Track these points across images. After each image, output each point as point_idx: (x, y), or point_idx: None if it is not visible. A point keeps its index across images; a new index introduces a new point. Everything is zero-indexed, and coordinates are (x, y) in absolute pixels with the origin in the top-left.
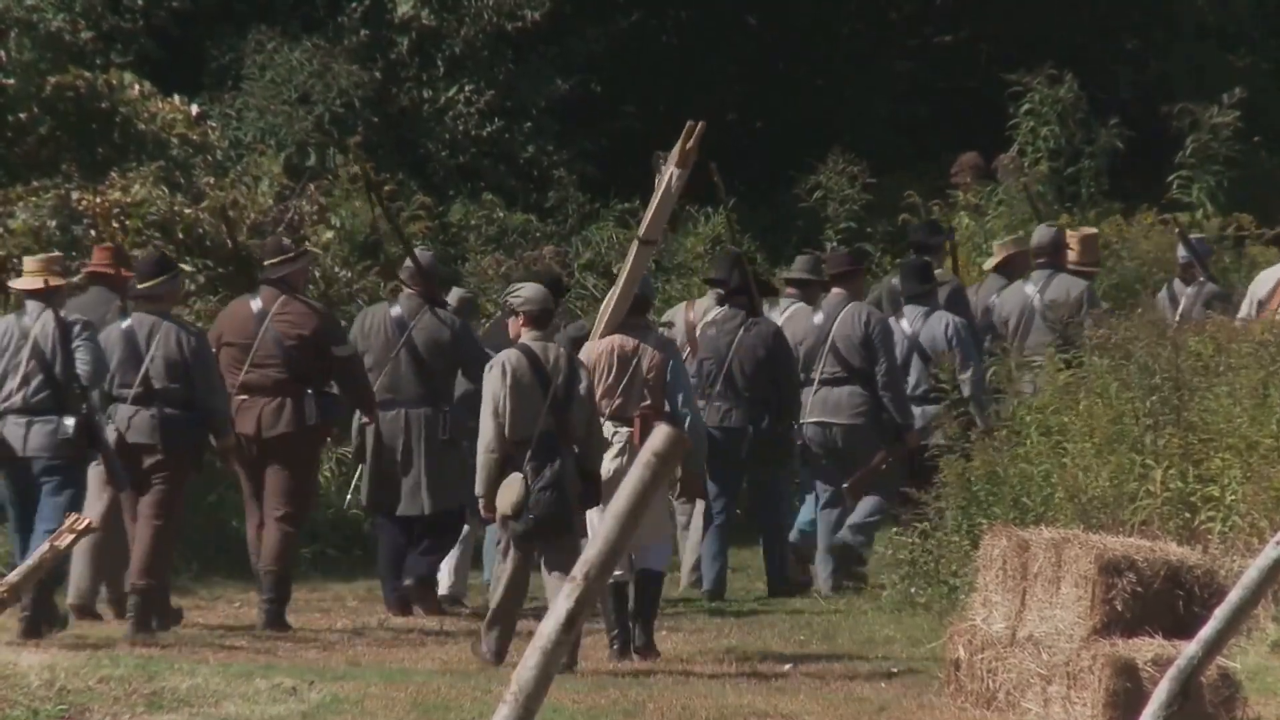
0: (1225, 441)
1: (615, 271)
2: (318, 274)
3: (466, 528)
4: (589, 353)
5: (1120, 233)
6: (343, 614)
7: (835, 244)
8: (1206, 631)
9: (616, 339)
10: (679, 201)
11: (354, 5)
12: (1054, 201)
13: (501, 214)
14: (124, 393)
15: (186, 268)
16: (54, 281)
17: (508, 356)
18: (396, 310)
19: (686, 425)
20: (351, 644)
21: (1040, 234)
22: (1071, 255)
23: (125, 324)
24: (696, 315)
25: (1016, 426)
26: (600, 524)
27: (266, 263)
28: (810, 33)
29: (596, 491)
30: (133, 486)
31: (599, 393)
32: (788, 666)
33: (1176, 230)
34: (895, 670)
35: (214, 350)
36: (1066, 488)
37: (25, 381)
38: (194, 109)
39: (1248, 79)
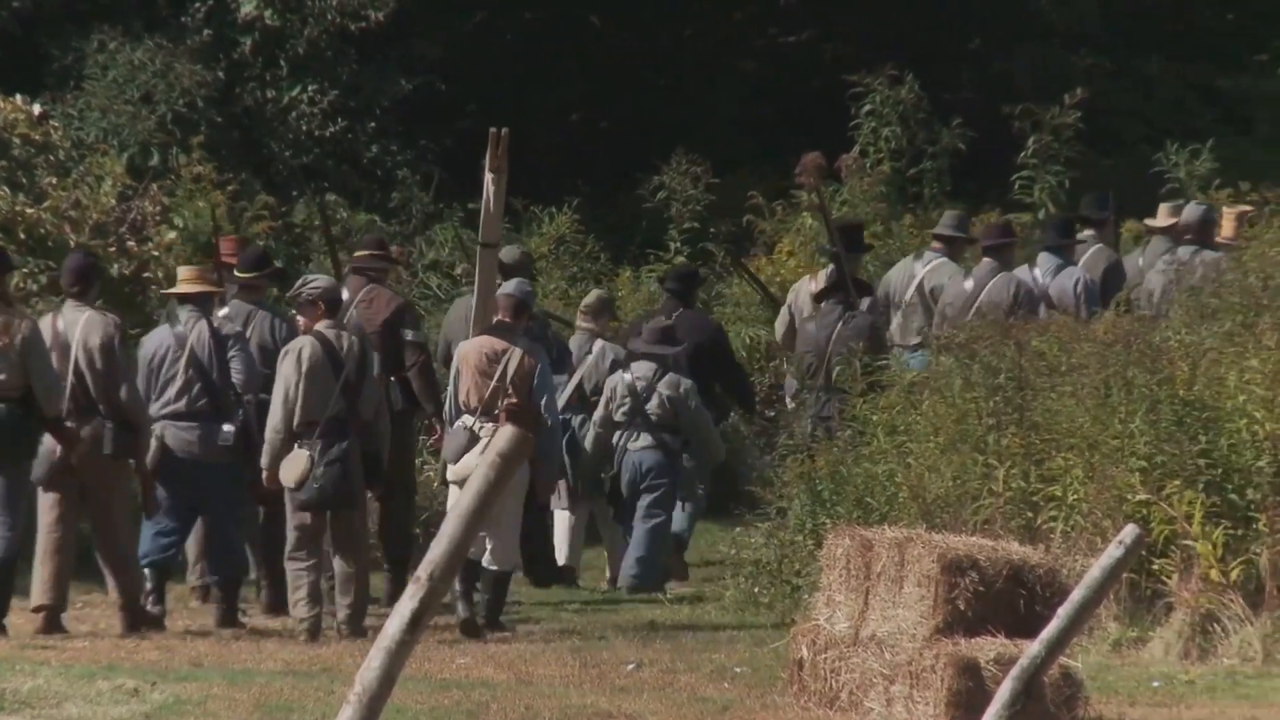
0: (1067, 441)
1: (458, 273)
2: (160, 274)
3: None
4: (461, 353)
5: None
6: (184, 615)
7: (679, 244)
8: (1049, 631)
9: (486, 340)
10: (523, 203)
11: (197, 5)
12: (897, 201)
13: (345, 214)
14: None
15: (26, 269)
16: (207, 289)
17: (302, 344)
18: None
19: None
20: (194, 644)
21: (1189, 211)
22: (1226, 231)
23: (223, 311)
24: (817, 284)
25: (861, 426)
26: (445, 523)
27: (357, 254)
28: (654, 33)
29: (378, 471)
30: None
31: (468, 391)
32: (631, 666)
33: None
34: (739, 670)
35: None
36: (910, 487)
37: (186, 389)
38: (36, 109)
39: (1090, 79)
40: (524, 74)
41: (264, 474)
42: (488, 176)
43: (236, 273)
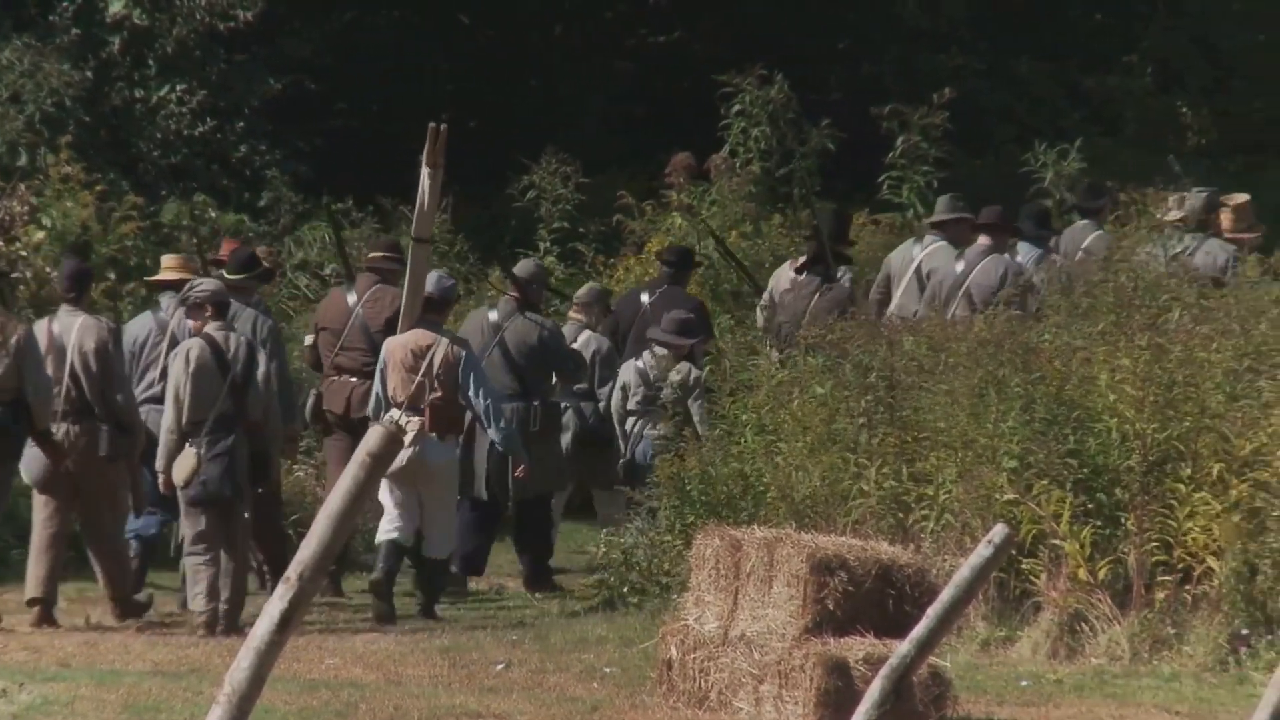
0: (940, 440)
1: (327, 273)
2: (28, 274)
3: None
4: (388, 349)
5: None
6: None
7: (548, 244)
8: (919, 630)
9: (413, 335)
10: (392, 202)
11: (65, 4)
12: (766, 201)
13: (214, 214)
14: None
15: None
16: (189, 278)
17: (191, 345)
18: (494, 314)
19: (482, 413)
20: (62, 645)
21: (1194, 199)
22: (1225, 222)
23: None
24: (795, 263)
25: (730, 426)
26: (315, 523)
27: (371, 254)
28: (525, 32)
29: (265, 470)
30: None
31: (395, 387)
32: (500, 666)
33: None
34: (608, 670)
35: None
36: (779, 487)
37: (166, 373)
38: None
39: (959, 80)
40: (393, 73)
41: (159, 476)
42: (424, 171)
43: (226, 274)
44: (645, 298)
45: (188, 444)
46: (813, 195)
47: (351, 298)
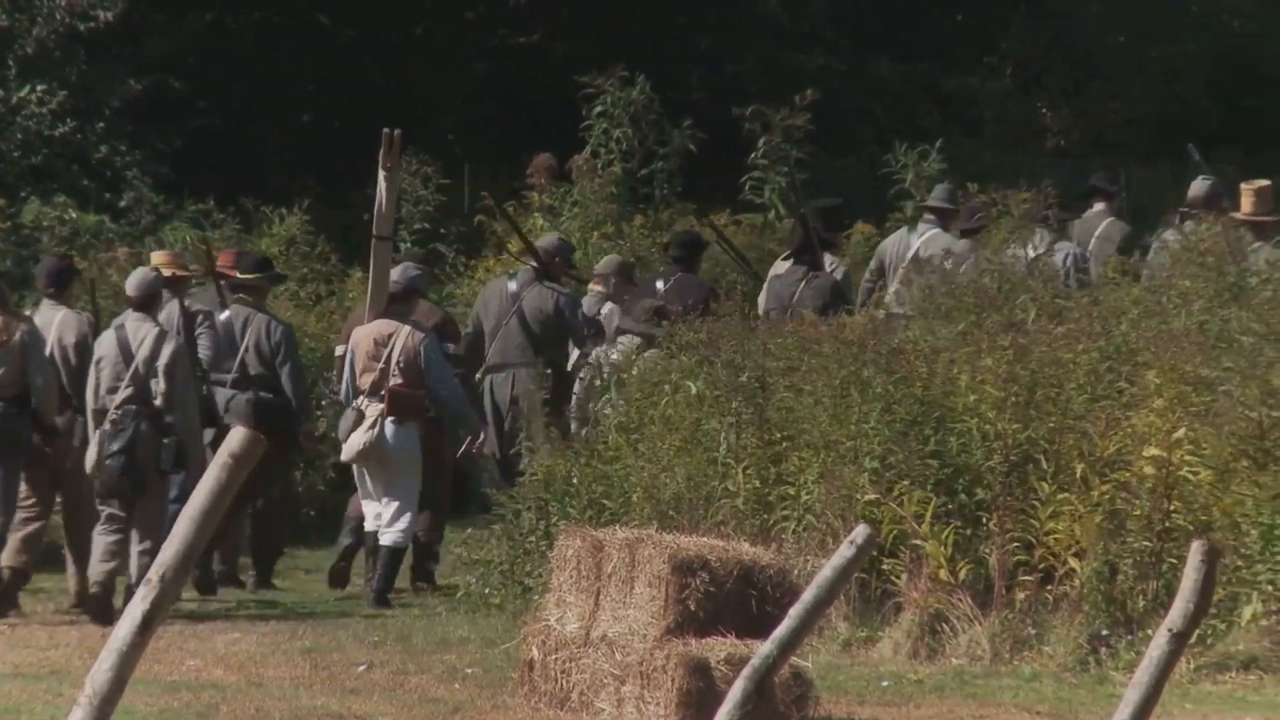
0: (803, 440)
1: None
2: None
3: None
4: (354, 339)
5: None
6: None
7: (410, 244)
8: (781, 630)
9: (376, 325)
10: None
11: None
12: (628, 202)
13: (74, 215)
14: (222, 378)
15: None
16: (180, 273)
17: (103, 337)
18: (513, 284)
19: (443, 398)
20: None
21: (1195, 187)
22: (1246, 206)
23: (224, 315)
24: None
25: (595, 426)
26: (177, 524)
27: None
28: (385, 32)
29: (182, 459)
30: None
31: (360, 375)
32: (362, 667)
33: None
34: (469, 671)
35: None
36: (644, 488)
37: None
38: None
39: (821, 80)
40: (255, 74)
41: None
42: (381, 174)
43: (238, 274)
44: (660, 285)
45: (97, 433)
46: (796, 180)
47: None
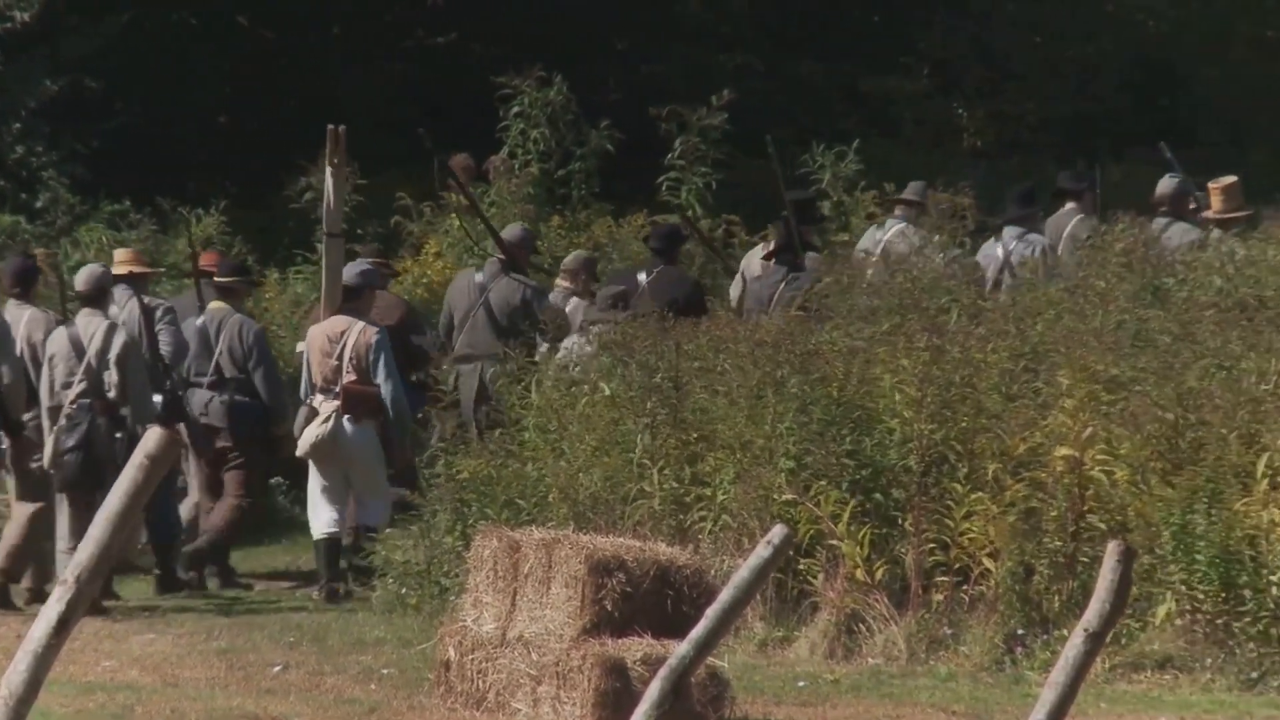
0: (720, 440)
1: None
2: None
3: None
4: (310, 335)
5: (611, 234)
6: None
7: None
8: (698, 631)
9: (330, 322)
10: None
11: None
12: (545, 203)
13: None
14: (201, 380)
15: None
16: (139, 270)
17: (54, 334)
18: (480, 275)
19: (386, 397)
20: None
21: (1162, 185)
22: (1215, 204)
23: (199, 320)
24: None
25: (510, 427)
26: (93, 526)
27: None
28: (302, 33)
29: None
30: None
31: (315, 372)
32: (278, 668)
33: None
34: (386, 671)
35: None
36: (560, 488)
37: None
38: None
39: (739, 80)
40: (172, 74)
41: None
42: (328, 171)
43: (216, 279)
44: (642, 277)
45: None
46: (781, 173)
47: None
